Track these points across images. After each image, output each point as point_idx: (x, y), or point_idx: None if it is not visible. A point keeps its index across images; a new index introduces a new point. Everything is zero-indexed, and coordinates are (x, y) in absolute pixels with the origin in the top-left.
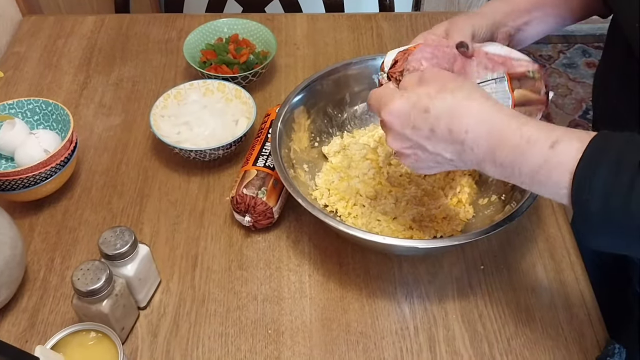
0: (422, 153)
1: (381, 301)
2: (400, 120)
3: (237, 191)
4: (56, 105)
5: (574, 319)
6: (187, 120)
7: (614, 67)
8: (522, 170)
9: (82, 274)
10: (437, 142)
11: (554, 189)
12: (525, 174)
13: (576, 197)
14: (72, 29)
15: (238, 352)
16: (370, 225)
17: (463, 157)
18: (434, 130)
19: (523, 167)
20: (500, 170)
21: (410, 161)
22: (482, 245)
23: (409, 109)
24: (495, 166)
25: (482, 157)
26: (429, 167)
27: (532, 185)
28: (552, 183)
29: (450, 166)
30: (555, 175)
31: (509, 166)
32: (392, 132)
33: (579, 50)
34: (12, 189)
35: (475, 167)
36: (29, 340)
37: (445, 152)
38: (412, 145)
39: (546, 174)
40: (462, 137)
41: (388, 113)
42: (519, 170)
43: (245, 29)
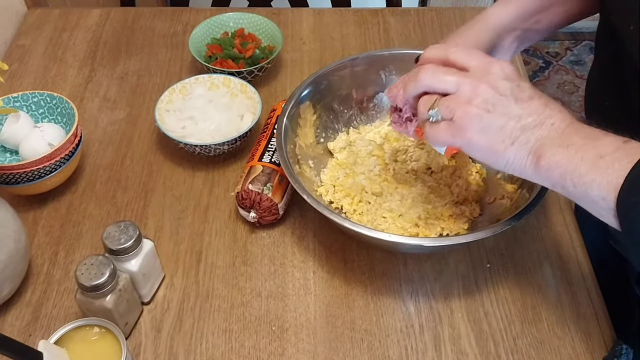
0: (502, 108)
1: (386, 299)
2: (508, 74)
3: (243, 187)
4: (61, 98)
5: (580, 318)
6: (192, 115)
7: (605, 70)
8: (586, 155)
9: (85, 268)
10: (527, 108)
11: (608, 177)
12: (585, 160)
13: (624, 192)
14: (78, 22)
15: (242, 348)
16: (376, 222)
17: (535, 130)
18: (533, 98)
19: (589, 152)
20: (562, 151)
21: (479, 109)
22: (488, 243)
23: (519, 75)
24: (561, 146)
25: (554, 136)
26: (485, 127)
27: (586, 174)
28: (610, 171)
29: (504, 141)
30: (616, 165)
31: (575, 148)
32: (493, 77)
33: (586, 47)
34: (16, 182)
35: (535, 147)
36: (32, 334)
37: (527, 118)
38: (501, 96)
39: (608, 161)
40: (552, 113)
41: (500, 64)
42: (581, 155)
43: (251, 24)
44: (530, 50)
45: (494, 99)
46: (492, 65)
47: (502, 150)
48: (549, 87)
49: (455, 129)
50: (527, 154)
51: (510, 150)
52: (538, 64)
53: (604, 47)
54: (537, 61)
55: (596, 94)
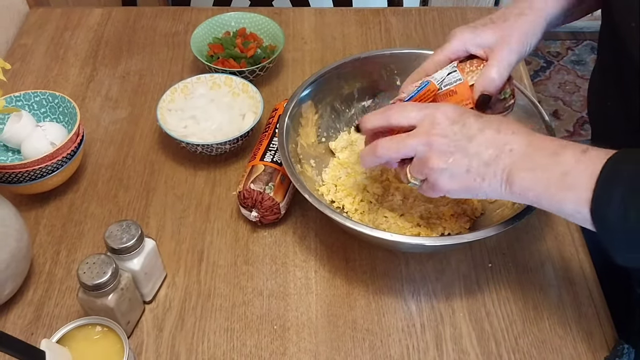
0: (460, 154)
1: (388, 298)
2: (452, 117)
3: (245, 186)
4: (63, 97)
5: (582, 318)
6: (194, 114)
7: (607, 70)
8: (551, 174)
9: (87, 267)
10: (482, 142)
11: (578, 193)
12: (552, 179)
13: (596, 204)
14: (79, 22)
15: (243, 347)
16: (377, 221)
17: (498, 161)
18: (483, 130)
19: (553, 170)
20: (529, 176)
21: (441, 163)
22: (490, 243)
23: (463, 112)
24: (525, 171)
25: (517, 161)
26: (453, 175)
27: (557, 192)
28: (578, 186)
29: (475, 180)
30: (581, 179)
31: (540, 170)
32: (440, 126)
33: (587, 47)
34: (19, 181)
35: (504, 177)
36: (34, 333)
37: (485, 153)
38: (455, 141)
39: (573, 177)
40: (507, 138)
41: (442, 110)
42: (547, 175)
43: (252, 23)
44: None
45: (449, 147)
46: (434, 115)
47: (477, 187)
48: (550, 87)
49: (432, 187)
50: (500, 183)
51: (484, 185)
52: (539, 64)
53: (605, 46)
54: (538, 61)
55: (598, 94)
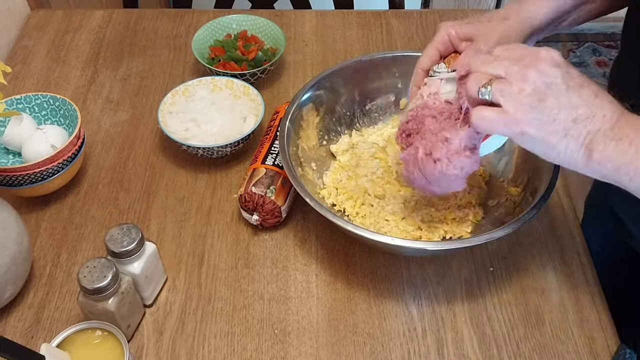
0: (553, 98)
1: (389, 302)
2: (557, 61)
3: (246, 189)
4: (64, 100)
5: (584, 322)
6: (195, 117)
7: (630, 64)
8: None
9: (88, 271)
10: (578, 97)
11: None
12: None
13: None
14: (80, 24)
15: (244, 351)
16: (379, 225)
17: (587, 122)
18: (583, 86)
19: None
20: (615, 145)
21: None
22: (491, 247)
23: (567, 62)
24: (612, 139)
25: (606, 129)
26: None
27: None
28: None
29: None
30: None
31: (628, 141)
32: (543, 64)
33: (589, 49)
34: (19, 184)
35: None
36: (34, 336)
37: (576, 110)
38: (553, 84)
39: None
40: (603, 104)
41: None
42: (635, 148)
43: (253, 26)
44: None
45: (545, 88)
46: (539, 51)
47: (555, 143)
48: None
49: (508, 119)
50: (579, 147)
51: (562, 142)
52: None
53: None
54: None
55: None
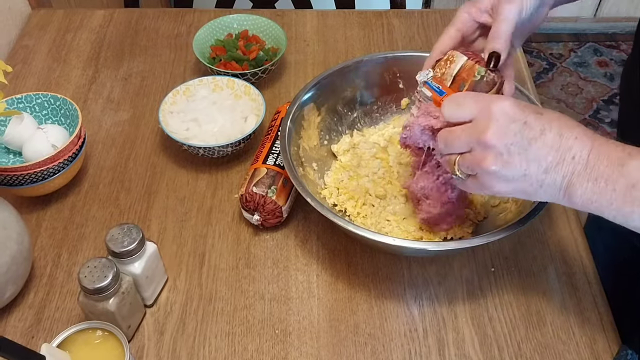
0: (517, 156)
1: (390, 302)
2: (511, 114)
3: (247, 189)
4: (64, 99)
5: (585, 323)
6: (196, 117)
7: None
8: (617, 186)
9: (89, 271)
10: (542, 146)
11: None
12: (618, 191)
13: None
14: (81, 23)
15: (245, 351)
16: (380, 225)
17: (558, 169)
18: (544, 132)
19: (618, 182)
20: (592, 186)
21: (496, 165)
22: (492, 247)
23: (522, 107)
24: (588, 181)
25: (579, 170)
26: (508, 178)
27: (623, 206)
28: None
29: (532, 185)
30: None
31: (604, 180)
32: (497, 124)
33: (590, 49)
34: (20, 184)
35: (564, 185)
36: (35, 336)
37: (545, 160)
38: (514, 142)
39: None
40: (570, 143)
41: (499, 105)
42: (612, 187)
43: (255, 25)
44: (533, 52)
45: (507, 149)
46: (490, 110)
47: (533, 192)
48: (552, 89)
49: (481, 185)
50: (558, 192)
51: (540, 191)
52: (542, 66)
53: None
54: (540, 63)
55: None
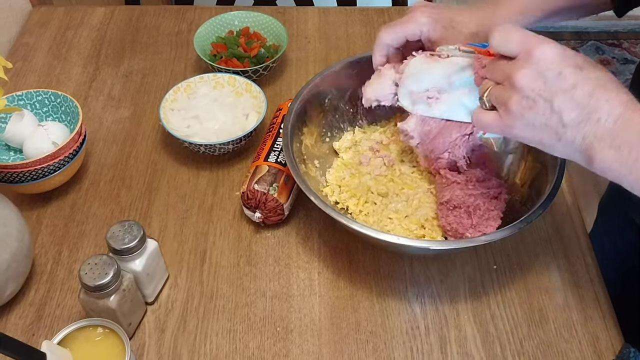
0: (542, 104)
1: (392, 300)
2: (549, 61)
3: (248, 186)
4: (65, 97)
5: (588, 321)
6: (197, 114)
7: None
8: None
9: (89, 268)
10: (569, 100)
11: None
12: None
13: None
14: (82, 20)
15: (246, 349)
16: (382, 223)
17: (580, 127)
18: (575, 87)
19: None
20: (613, 154)
21: (520, 107)
22: (495, 245)
23: (563, 57)
24: (610, 147)
25: (603, 134)
26: (529, 123)
27: None
28: None
29: (551, 137)
30: None
31: (626, 150)
32: (532, 67)
33: (592, 47)
34: (20, 181)
35: (583, 147)
36: (35, 334)
37: (569, 113)
38: (542, 89)
39: None
40: (598, 104)
41: (542, 49)
42: (635, 156)
43: (256, 22)
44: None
45: (535, 94)
46: (532, 51)
47: (551, 145)
48: None
49: (502, 124)
50: (576, 151)
51: (558, 145)
52: None
53: None
54: None
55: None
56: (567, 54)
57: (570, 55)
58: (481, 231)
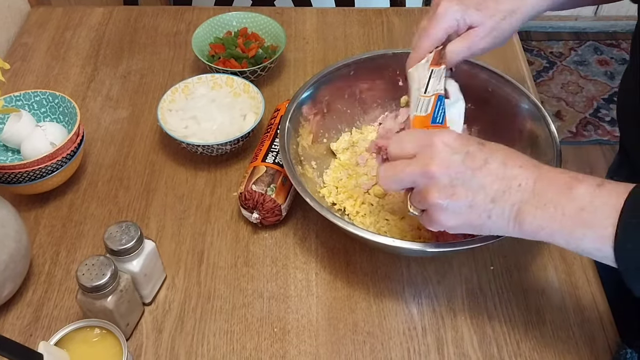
0: (462, 187)
1: (389, 301)
2: (453, 146)
3: (246, 187)
4: (63, 97)
5: (585, 322)
6: (195, 115)
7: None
8: (566, 210)
9: (87, 269)
10: (487, 175)
11: (598, 230)
12: (567, 216)
13: (621, 238)
14: (80, 21)
15: (243, 350)
16: (379, 224)
17: (505, 197)
18: (487, 161)
19: (567, 206)
20: (541, 213)
21: (441, 197)
22: (492, 246)
23: (464, 139)
24: (536, 208)
25: (528, 197)
26: (455, 211)
27: (574, 229)
28: (597, 222)
29: (480, 216)
30: (600, 214)
31: (552, 206)
32: (440, 156)
33: (590, 48)
34: (18, 181)
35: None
36: (33, 334)
37: (490, 188)
38: (457, 173)
39: (591, 212)
40: (515, 172)
41: (441, 138)
42: (562, 211)
43: (254, 23)
44: (534, 51)
45: (451, 179)
46: (433, 143)
47: (481, 224)
48: (553, 88)
49: (432, 221)
50: (507, 222)
51: (489, 222)
52: (542, 64)
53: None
54: (540, 61)
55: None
56: (464, 136)
57: (467, 136)
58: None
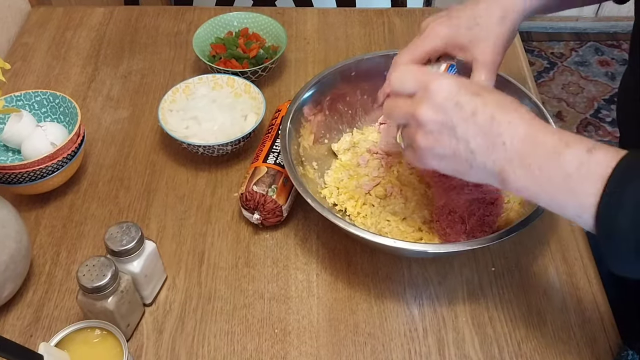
0: (447, 135)
1: (390, 302)
2: (445, 93)
3: (247, 188)
4: (64, 97)
5: (586, 323)
6: (196, 115)
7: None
8: (552, 175)
9: (87, 270)
10: (472, 127)
11: (582, 198)
12: (552, 181)
13: (603, 208)
14: (81, 21)
15: (244, 351)
16: (380, 225)
17: (488, 153)
18: (475, 114)
19: (554, 171)
20: (525, 174)
21: (427, 141)
22: (493, 247)
23: (459, 87)
24: (522, 168)
25: (512, 156)
26: (439, 155)
27: (557, 195)
28: (582, 190)
29: (462, 164)
30: (588, 183)
31: (538, 168)
32: (430, 100)
33: (591, 48)
34: (19, 182)
35: (495, 170)
36: (33, 335)
37: (473, 141)
38: (443, 121)
39: (577, 180)
40: (501, 129)
41: (437, 83)
42: (547, 175)
43: (255, 23)
44: (535, 51)
45: (437, 126)
46: (428, 86)
47: (466, 172)
48: (553, 88)
49: (418, 157)
50: (490, 175)
51: (472, 172)
52: (543, 65)
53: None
54: (541, 62)
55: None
56: (463, 84)
57: (466, 84)
58: (475, 237)
